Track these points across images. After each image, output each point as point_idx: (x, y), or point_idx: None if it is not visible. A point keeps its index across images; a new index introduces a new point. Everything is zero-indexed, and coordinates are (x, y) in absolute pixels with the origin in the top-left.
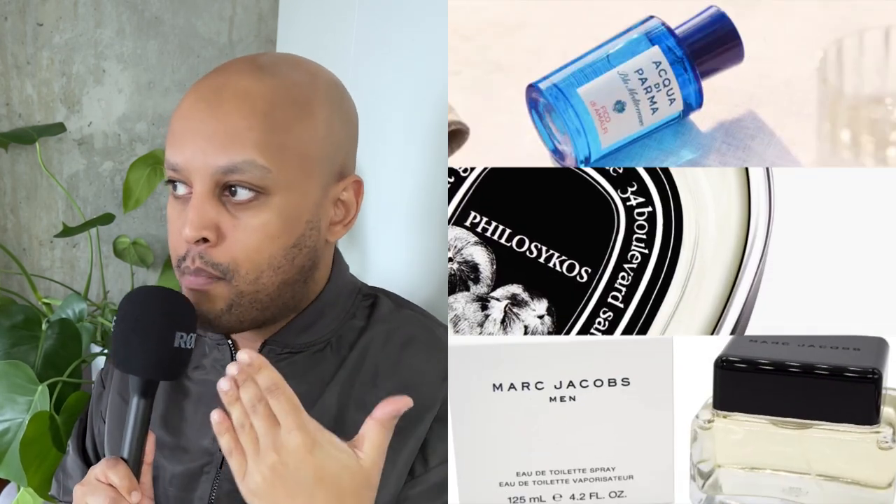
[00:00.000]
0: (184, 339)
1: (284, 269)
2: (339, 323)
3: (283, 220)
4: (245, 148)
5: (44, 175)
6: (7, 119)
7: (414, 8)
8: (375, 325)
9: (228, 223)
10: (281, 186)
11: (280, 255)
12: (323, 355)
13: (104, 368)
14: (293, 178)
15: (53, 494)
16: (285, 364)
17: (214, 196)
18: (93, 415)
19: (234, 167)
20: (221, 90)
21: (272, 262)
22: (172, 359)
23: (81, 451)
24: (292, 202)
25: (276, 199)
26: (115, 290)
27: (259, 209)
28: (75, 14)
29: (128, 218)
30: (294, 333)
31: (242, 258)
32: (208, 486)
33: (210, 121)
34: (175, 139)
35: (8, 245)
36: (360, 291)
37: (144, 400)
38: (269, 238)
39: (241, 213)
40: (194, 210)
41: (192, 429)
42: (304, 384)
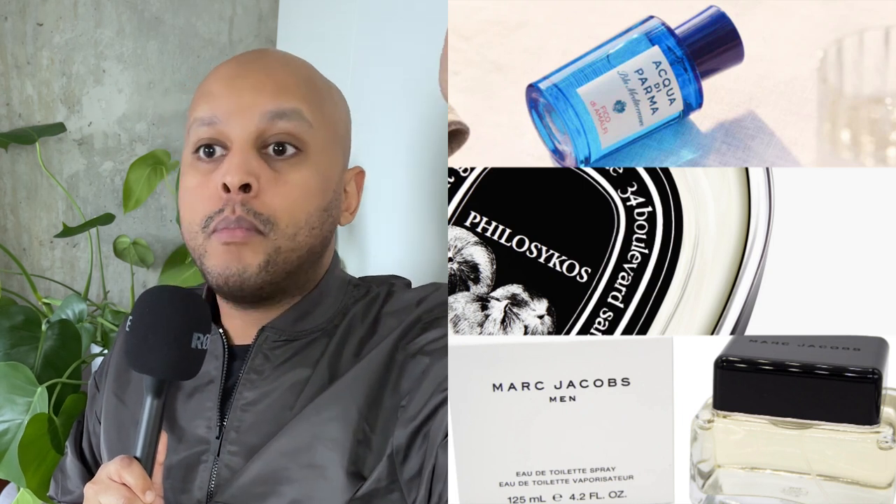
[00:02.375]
0: (200, 340)
1: (316, 231)
2: (334, 312)
3: (320, 179)
4: (293, 97)
5: (44, 175)
6: (7, 119)
7: (414, 8)
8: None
9: (269, 176)
10: (318, 146)
11: (316, 214)
12: (317, 343)
13: (98, 370)
14: (327, 141)
15: (51, 495)
16: (281, 351)
17: (255, 148)
18: (88, 416)
19: (283, 112)
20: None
21: (309, 221)
22: (189, 359)
23: (79, 452)
24: (326, 164)
25: (314, 159)
26: (115, 290)
27: (299, 165)
28: (75, 14)
29: (128, 218)
30: (292, 320)
31: (282, 212)
32: (207, 475)
33: (256, 74)
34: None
35: (8, 245)
36: (350, 283)
37: (158, 400)
38: (307, 194)
39: (282, 167)
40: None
41: (185, 418)
42: (300, 370)
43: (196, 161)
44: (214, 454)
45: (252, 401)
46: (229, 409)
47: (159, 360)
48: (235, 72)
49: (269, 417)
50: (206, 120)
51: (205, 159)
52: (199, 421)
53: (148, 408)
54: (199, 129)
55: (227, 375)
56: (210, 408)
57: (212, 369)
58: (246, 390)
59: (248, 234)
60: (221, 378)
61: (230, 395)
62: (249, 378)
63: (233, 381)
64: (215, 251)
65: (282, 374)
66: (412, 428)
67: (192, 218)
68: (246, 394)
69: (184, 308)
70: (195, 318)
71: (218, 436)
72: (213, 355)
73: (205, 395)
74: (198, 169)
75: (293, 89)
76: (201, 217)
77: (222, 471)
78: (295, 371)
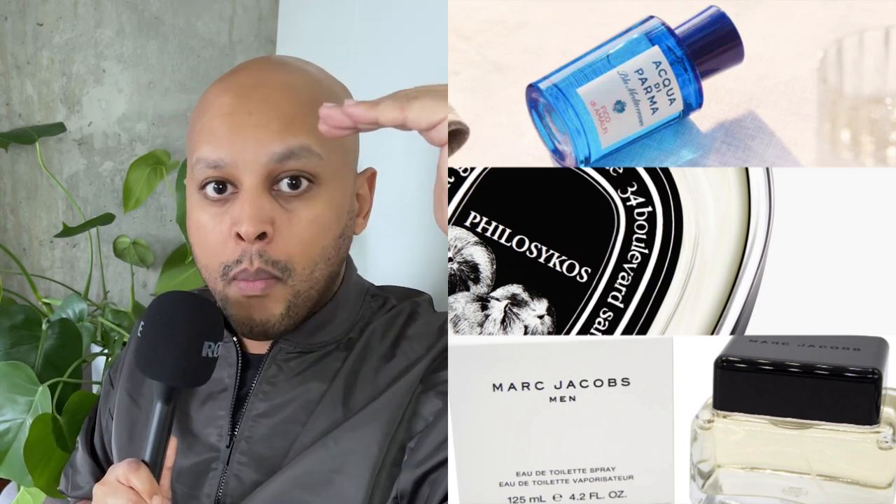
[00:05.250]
0: (211, 349)
1: (333, 260)
2: (350, 324)
3: (333, 210)
4: (301, 133)
5: (44, 175)
6: (7, 119)
7: (414, 8)
8: (378, 318)
9: (282, 217)
10: (329, 175)
11: (331, 246)
12: (332, 356)
13: (113, 367)
14: (338, 166)
15: (62, 490)
16: (295, 363)
17: (266, 189)
18: (101, 412)
19: (291, 152)
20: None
21: (324, 254)
22: (199, 367)
23: (90, 447)
24: (338, 191)
25: (326, 189)
26: (115, 290)
27: (312, 200)
28: (75, 14)
29: (128, 218)
30: (307, 332)
31: (298, 253)
32: (216, 483)
33: (260, 110)
34: (216, 135)
35: (8, 245)
36: (367, 292)
37: (168, 406)
38: (322, 229)
39: (294, 205)
40: (250, 204)
41: (197, 425)
42: (314, 384)
43: (204, 198)
44: (224, 463)
45: (264, 412)
46: (241, 419)
47: (169, 367)
48: (236, 105)
49: (281, 431)
50: (211, 163)
51: (214, 196)
52: (210, 429)
53: (158, 413)
54: (204, 170)
55: (241, 384)
56: (222, 416)
57: (225, 377)
58: (258, 401)
59: (268, 285)
60: (235, 386)
61: (243, 403)
62: (262, 389)
63: (246, 389)
64: (237, 302)
65: (295, 386)
66: (419, 474)
67: (209, 263)
68: (258, 405)
69: (195, 316)
70: (207, 326)
71: (228, 445)
72: (227, 363)
73: (218, 402)
74: (208, 206)
75: (299, 122)
76: (218, 264)
77: (231, 480)
78: (309, 384)
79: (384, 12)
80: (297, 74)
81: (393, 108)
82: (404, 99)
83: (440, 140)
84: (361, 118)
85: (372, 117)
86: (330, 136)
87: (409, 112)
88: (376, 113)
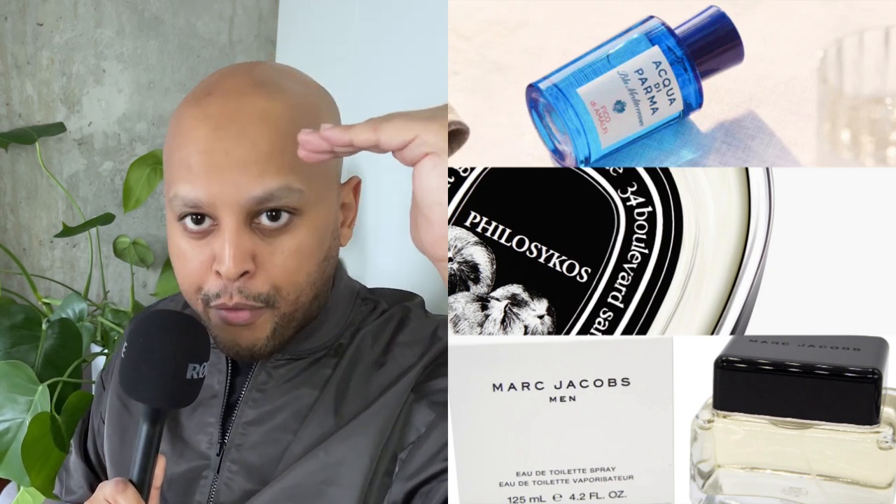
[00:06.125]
0: (196, 370)
1: (318, 283)
2: (340, 329)
3: (316, 236)
4: (279, 173)
5: (44, 175)
6: (7, 119)
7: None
8: (369, 323)
9: (264, 251)
10: (311, 204)
11: (316, 271)
12: (322, 362)
13: (105, 369)
14: (321, 192)
15: (56, 493)
16: (285, 370)
17: (246, 225)
18: (93, 416)
19: (270, 195)
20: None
21: (309, 279)
22: (184, 390)
23: (83, 452)
24: (321, 216)
25: (308, 217)
26: (115, 290)
27: (294, 231)
28: (75, 14)
29: (128, 218)
30: (297, 340)
31: (283, 282)
32: (206, 491)
33: (236, 150)
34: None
35: (8, 245)
36: (358, 295)
37: (154, 427)
38: (306, 258)
39: (276, 237)
40: (231, 245)
41: (188, 432)
42: (305, 390)
43: (184, 229)
44: (215, 471)
45: (254, 420)
46: (231, 426)
47: (153, 391)
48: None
49: (272, 439)
50: (189, 202)
51: (193, 228)
52: (201, 436)
53: (144, 434)
54: (182, 207)
55: (231, 390)
56: (212, 423)
57: (215, 383)
58: (248, 408)
59: (254, 315)
60: (224, 393)
61: (233, 410)
62: (252, 396)
63: (236, 396)
64: (220, 326)
65: (285, 393)
66: (410, 487)
67: (188, 286)
68: (248, 412)
69: (180, 338)
70: (191, 349)
71: (218, 453)
72: (217, 369)
73: (208, 409)
74: (186, 235)
75: (277, 161)
76: (196, 289)
77: (222, 489)
78: (300, 392)
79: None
80: (276, 98)
81: (366, 130)
82: (377, 121)
83: (412, 159)
84: (337, 141)
85: (346, 139)
86: (309, 161)
87: (382, 133)
88: (351, 135)
